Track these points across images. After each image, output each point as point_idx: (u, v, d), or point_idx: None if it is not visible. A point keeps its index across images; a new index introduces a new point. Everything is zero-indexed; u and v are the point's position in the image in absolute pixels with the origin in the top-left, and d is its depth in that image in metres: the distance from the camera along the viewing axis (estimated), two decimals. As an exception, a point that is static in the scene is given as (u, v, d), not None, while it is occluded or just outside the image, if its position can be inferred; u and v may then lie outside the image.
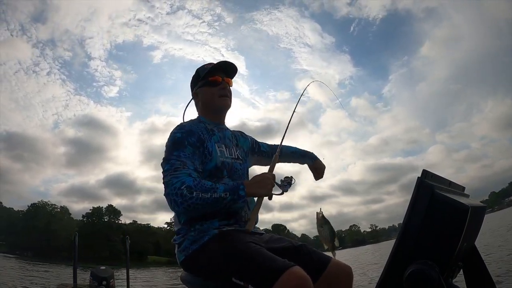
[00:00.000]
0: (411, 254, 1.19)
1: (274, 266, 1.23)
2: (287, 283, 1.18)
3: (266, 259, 1.29)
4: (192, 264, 1.49)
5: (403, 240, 1.22)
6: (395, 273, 1.19)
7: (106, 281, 5.94)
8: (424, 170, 1.26)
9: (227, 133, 1.79)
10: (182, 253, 1.51)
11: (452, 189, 1.43)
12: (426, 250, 1.18)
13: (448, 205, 1.19)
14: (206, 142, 1.60)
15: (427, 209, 1.20)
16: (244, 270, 1.28)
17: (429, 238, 1.19)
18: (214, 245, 1.44)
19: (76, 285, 6.61)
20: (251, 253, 1.33)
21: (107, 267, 6.43)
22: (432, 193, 1.21)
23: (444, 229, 1.18)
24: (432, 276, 1.11)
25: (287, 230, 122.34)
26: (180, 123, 1.66)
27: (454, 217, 1.17)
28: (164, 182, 1.44)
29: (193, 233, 1.51)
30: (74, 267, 6.94)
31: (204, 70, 1.75)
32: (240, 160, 1.76)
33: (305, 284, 1.19)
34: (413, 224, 1.21)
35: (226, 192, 1.40)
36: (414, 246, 1.20)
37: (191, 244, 1.49)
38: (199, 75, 1.77)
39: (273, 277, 1.19)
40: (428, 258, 1.16)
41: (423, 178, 1.24)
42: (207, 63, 1.80)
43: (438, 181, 1.32)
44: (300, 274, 1.21)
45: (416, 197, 1.23)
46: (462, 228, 1.16)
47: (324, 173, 2.06)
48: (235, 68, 1.78)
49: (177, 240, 1.56)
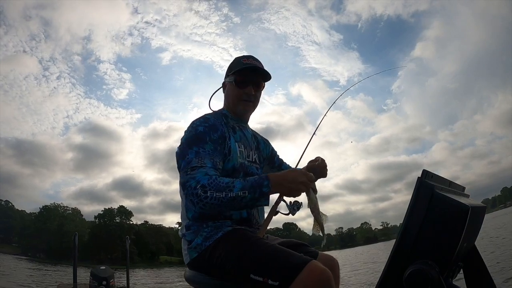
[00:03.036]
0: (411, 254, 1.19)
1: (294, 260, 1.24)
2: (310, 277, 1.19)
3: (285, 254, 1.29)
4: (205, 262, 1.44)
5: (403, 240, 1.22)
6: (395, 273, 1.19)
7: (106, 281, 5.88)
8: (424, 170, 1.26)
9: (248, 133, 1.74)
10: (194, 250, 1.47)
11: (452, 189, 1.42)
12: (426, 250, 1.18)
13: (448, 205, 1.19)
14: (228, 139, 1.54)
15: (427, 209, 1.20)
16: (264, 266, 1.27)
17: (429, 238, 1.19)
18: (229, 241, 1.41)
19: (76, 285, 6.62)
20: (269, 248, 1.32)
21: (107, 267, 6.38)
22: (432, 193, 1.21)
23: (444, 229, 1.18)
24: (432, 276, 1.11)
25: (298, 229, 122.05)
26: (204, 115, 1.61)
27: (454, 217, 1.17)
28: (180, 183, 1.40)
29: (206, 229, 1.47)
30: (74, 267, 7.01)
31: (238, 65, 1.68)
32: (257, 164, 1.72)
33: (328, 276, 1.21)
34: (413, 224, 1.21)
35: (244, 190, 1.29)
36: (414, 246, 1.20)
37: (204, 240, 1.45)
38: (232, 68, 1.70)
39: (294, 272, 1.20)
40: (428, 258, 1.16)
41: (423, 178, 1.24)
42: (247, 56, 1.73)
43: (438, 181, 1.32)
44: (320, 268, 1.22)
45: (416, 197, 1.23)
46: (462, 228, 1.16)
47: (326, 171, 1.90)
48: (268, 76, 1.70)
49: (188, 236, 1.50)
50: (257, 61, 1.72)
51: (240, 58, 1.71)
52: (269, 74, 1.68)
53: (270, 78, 1.71)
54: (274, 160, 1.96)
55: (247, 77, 1.65)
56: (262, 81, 1.71)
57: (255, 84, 1.67)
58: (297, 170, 1.42)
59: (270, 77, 1.70)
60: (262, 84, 1.71)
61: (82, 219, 72.55)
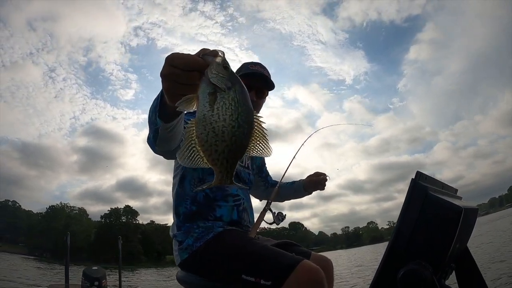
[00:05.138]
0: (405, 255, 1.19)
1: (286, 260, 1.24)
2: (302, 277, 1.19)
3: (276, 254, 1.29)
4: (196, 263, 1.44)
5: (396, 241, 1.22)
6: (388, 274, 1.20)
7: (98, 281, 5.87)
8: (418, 172, 1.27)
9: None
10: (185, 251, 1.46)
11: (446, 191, 1.43)
12: (419, 251, 1.19)
13: (441, 207, 1.19)
14: None
15: (421, 210, 1.21)
16: (256, 266, 1.27)
17: (422, 239, 1.20)
18: (221, 242, 1.42)
19: (68, 285, 6.57)
20: (261, 249, 1.33)
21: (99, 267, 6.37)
22: (425, 194, 1.21)
23: (437, 230, 1.18)
24: (426, 277, 1.12)
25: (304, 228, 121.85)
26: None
27: (447, 218, 1.18)
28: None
29: (197, 230, 1.47)
30: (66, 266, 6.94)
31: (245, 69, 1.69)
32: (249, 170, 1.73)
33: (320, 276, 1.22)
34: (407, 225, 1.22)
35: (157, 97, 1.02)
36: (407, 247, 1.20)
37: (195, 241, 1.45)
38: (238, 72, 1.69)
39: (287, 271, 1.20)
40: (422, 259, 1.17)
41: (417, 180, 1.25)
42: (255, 62, 1.74)
43: (431, 183, 1.33)
44: (313, 267, 1.23)
45: (410, 199, 1.23)
46: (455, 230, 1.16)
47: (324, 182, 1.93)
48: (272, 85, 1.70)
49: (179, 237, 1.51)
50: (264, 69, 1.73)
51: (248, 64, 1.72)
52: (273, 83, 1.70)
53: (274, 88, 1.72)
54: (263, 170, 1.99)
55: (251, 83, 1.65)
56: (266, 89, 1.72)
57: (258, 91, 1.69)
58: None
59: (274, 86, 1.71)
60: (265, 92, 1.72)
61: (88, 219, 73.02)
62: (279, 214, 1.72)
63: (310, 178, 1.94)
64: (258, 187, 1.98)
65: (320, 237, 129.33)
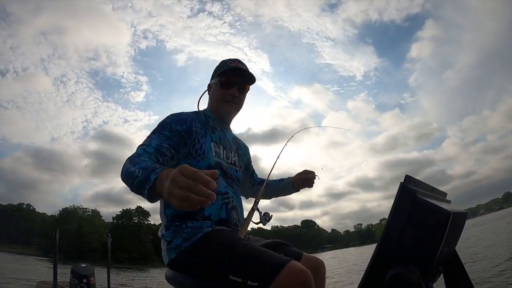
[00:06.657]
0: (392, 258, 1.19)
1: (274, 261, 1.23)
2: (289, 277, 1.18)
3: (264, 255, 1.28)
4: (184, 263, 1.43)
5: (384, 244, 1.22)
6: (376, 277, 1.20)
7: (87, 279, 5.94)
8: (407, 176, 1.27)
9: (229, 135, 1.77)
10: (173, 251, 1.45)
11: (434, 195, 1.43)
12: (407, 254, 1.19)
13: (429, 210, 1.19)
14: (198, 137, 1.56)
15: (409, 214, 1.20)
16: (243, 266, 1.25)
17: (410, 242, 1.19)
18: (209, 242, 1.41)
19: (56, 282, 6.63)
20: (248, 249, 1.32)
21: (88, 264, 6.39)
22: (414, 198, 1.21)
23: (426, 233, 1.18)
24: (413, 280, 1.12)
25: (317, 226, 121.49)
26: (181, 111, 1.65)
27: (436, 222, 1.17)
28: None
29: (186, 230, 1.46)
30: (54, 264, 7.00)
31: (224, 66, 1.71)
32: (237, 167, 1.73)
33: (307, 277, 1.21)
34: (395, 228, 1.22)
35: (140, 170, 1.18)
36: (395, 250, 1.20)
37: (184, 241, 1.44)
38: (217, 70, 1.74)
39: (273, 272, 1.19)
40: (409, 262, 1.17)
41: (406, 184, 1.25)
42: (233, 59, 1.76)
43: (420, 186, 1.33)
44: (300, 268, 1.22)
45: (399, 202, 1.23)
46: (443, 233, 1.17)
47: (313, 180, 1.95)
48: (253, 78, 1.71)
49: (168, 236, 1.50)
50: (243, 64, 1.76)
51: (226, 61, 1.75)
52: (254, 77, 1.71)
53: (255, 81, 1.73)
54: (249, 167, 2.00)
55: (232, 79, 1.69)
56: (247, 84, 1.74)
57: (239, 86, 1.71)
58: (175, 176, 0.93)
59: (255, 80, 1.72)
60: (246, 87, 1.74)
61: (101, 220, 73.92)
62: (265, 214, 1.73)
63: (299, 176, 1.96)
64: (244, 184, 1.98)
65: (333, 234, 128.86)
